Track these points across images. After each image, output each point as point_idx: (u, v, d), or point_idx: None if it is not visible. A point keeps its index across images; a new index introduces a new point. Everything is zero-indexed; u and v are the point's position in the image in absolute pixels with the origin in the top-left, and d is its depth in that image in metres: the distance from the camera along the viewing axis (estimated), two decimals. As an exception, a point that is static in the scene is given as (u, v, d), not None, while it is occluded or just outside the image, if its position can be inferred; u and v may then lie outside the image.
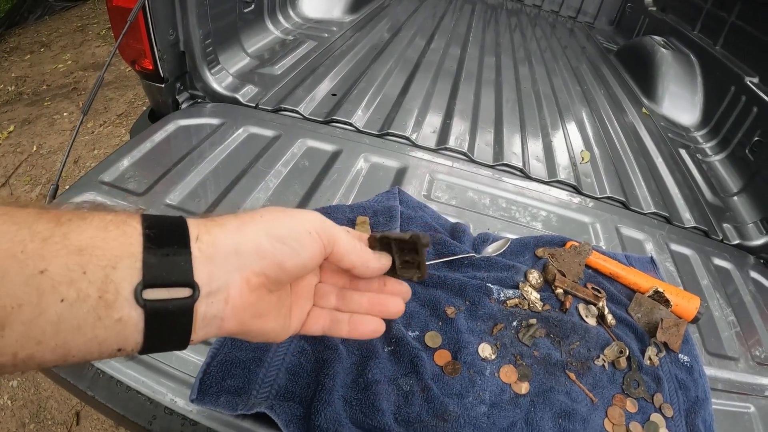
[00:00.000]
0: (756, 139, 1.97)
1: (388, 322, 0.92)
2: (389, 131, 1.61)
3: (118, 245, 0.37)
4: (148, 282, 0.38)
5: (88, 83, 3.98)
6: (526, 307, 1.05)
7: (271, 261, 0.46)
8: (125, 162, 1.30)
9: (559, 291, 1.10)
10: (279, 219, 0.48)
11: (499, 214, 1.40)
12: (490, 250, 1.17)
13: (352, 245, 0.53)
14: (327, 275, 0.60)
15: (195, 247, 0.42)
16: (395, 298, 0.59)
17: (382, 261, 0.56)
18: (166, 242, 0.40)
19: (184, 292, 0.40)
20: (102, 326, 0.36)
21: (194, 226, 0.43)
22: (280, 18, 2.30)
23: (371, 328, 0.58)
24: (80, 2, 5.50)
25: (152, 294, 0.38)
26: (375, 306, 0.58)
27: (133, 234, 0.39)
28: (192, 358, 0.86)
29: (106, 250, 0.37)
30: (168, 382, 0.84)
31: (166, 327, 0.40)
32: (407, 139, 1.60)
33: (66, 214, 0.37)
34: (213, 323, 0.43)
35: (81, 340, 0.36)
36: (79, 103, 3.66)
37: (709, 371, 1.11)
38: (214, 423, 0.79)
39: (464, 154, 1.60)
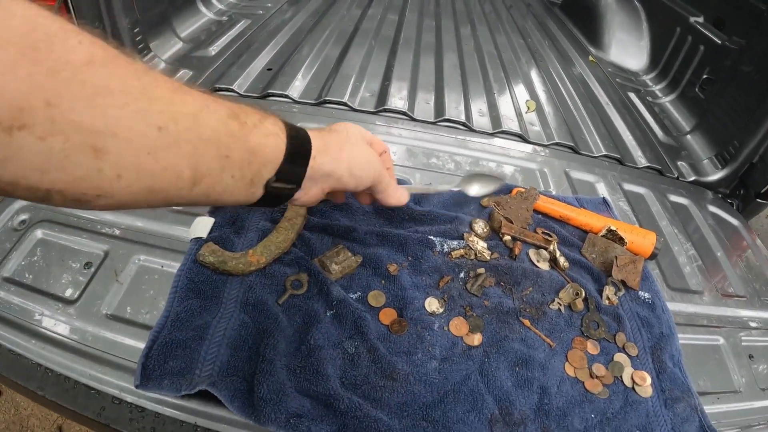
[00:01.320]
0: (705, 77, 1.95)
1: (328, 286, 0.89)
2: (326, 98, 1.55)
3: (270, 152, 0.58)
4: (277, 179, 0.60)
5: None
6: (472, 257, 1.00)
7: (344, 185, 0.71)
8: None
9: (507, 238, 1.05)
10: (360, 159, 0.72)
11: (443, 168, 1.35)
12: (481, 191, 0.97)
13: (387, 190, 0.79)
14: None
15: (310, 165, 0.64)
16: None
17: (399, 199, 0.82)
18: (296, 159, 0.62)
19: (292, 186, 0.63)
20: (244, 194, 0.58)
21: (315, 148, 0.65)
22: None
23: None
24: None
25: (275, 184, 0.60)
26: None
27: (281, 147, 0.59)
28: (137, 346, 0.83)
29: (264, 154, 0.57)
30: (115, 371, 0.81)
31: (272, 199, 0.62)
32: (345, 104, 1.54)
33: (245, 117, 0.55)
34: (290, 201, 0.67)
35: (229, 199, 0.57)
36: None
37: (674, 306, 1.09)
38: (162, 407, 0.78)
39: (404, 113, 1.55)
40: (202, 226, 0.97)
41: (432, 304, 0.90)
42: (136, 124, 0.43)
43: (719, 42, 1.89)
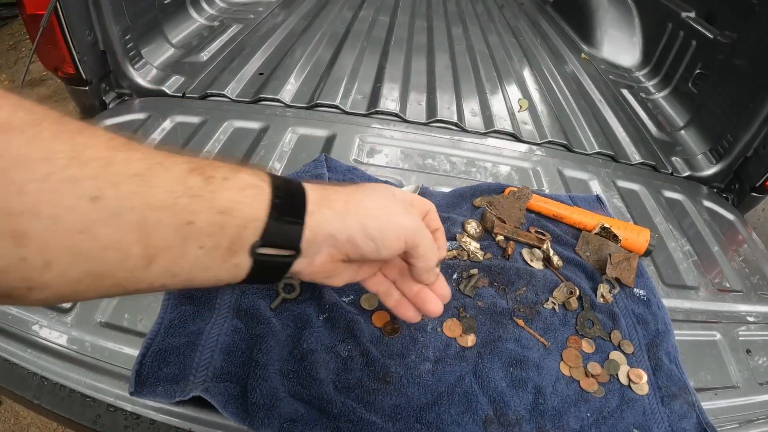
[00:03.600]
0: (698, 71, 1.94)
1: (320, 290, 0.88)
2: (318, 102, 1.55)
3: (251, 210, 0.46)
4: (264, 242, 0.47)
5: (24, 102, 3.83)
6: (465, 258, 1.00)
7: (356, 251, 0.54)
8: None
9: (500, 238, 1.05)
10: (377, 217, 0.55)
11: (435, 169, 1.35)
12: None
13: (428, 254, 0.60)
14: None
15: (307, 223, 0.50)
16: (436, 299, 0.67)
17: (438, 276, 0.66)
18: (287, 212, 0.48)
19: (288, 252, 0.50)
20: (224, 268, 0.46)
21: (311, 201, 0.51)
22: (204, 5, 2.20)
23: (410, 314, 0.68)
24: (9, 20, 5.28)
25: (264, 250, 0.47)
26: (419, 297, 0.67)
27: (264, 200, 0.47)
28: (132, 353, 0.83)
29: (242, 212, 0.45)
30: (110, 379, 0.81)
31: (266, 273, 0.50)
32: (336, 107, 1.55)
33: (212, 170, 0.44)
34: (293, 274, 0.53)
35: (205, 276, 0.45)
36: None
37: (670, 303, 1.09)
38: (157, 413, 0.78)
39: (395, 115, 1.55)
40: None
41: (425, 306, 0.89)
42: (63, 198, 0.35)
43: (711, 36, 1.89)
